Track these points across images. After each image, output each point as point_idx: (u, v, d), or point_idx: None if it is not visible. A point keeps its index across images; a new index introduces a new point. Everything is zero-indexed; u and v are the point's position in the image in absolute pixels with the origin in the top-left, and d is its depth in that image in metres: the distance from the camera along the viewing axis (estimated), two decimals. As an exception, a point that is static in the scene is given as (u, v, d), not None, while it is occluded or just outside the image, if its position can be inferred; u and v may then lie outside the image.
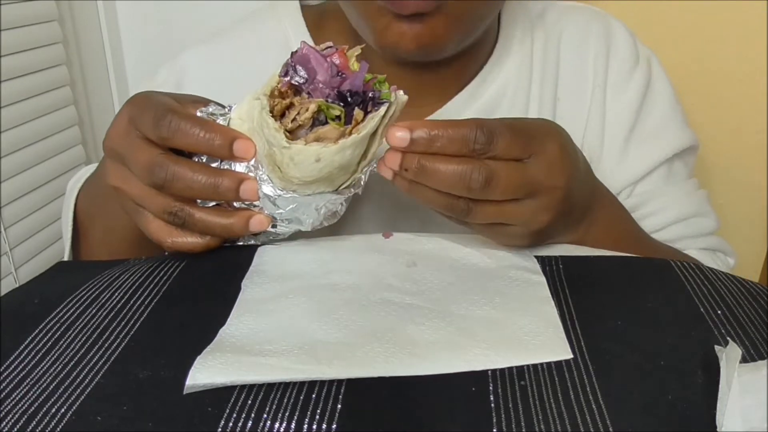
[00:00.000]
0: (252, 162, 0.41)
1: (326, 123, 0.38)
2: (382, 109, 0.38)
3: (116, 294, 0.41)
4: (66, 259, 0.56)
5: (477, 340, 0.36)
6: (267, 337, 0.36)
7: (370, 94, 0.38)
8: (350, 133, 0.37)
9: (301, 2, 0.64)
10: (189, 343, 0.35)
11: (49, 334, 0.37)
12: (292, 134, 0.38)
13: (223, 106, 0.43)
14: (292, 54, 0.39)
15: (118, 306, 0.40)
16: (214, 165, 0.42)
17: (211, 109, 0.42)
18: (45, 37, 0.93)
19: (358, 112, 0.37)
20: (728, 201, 0.99)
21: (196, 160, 0.42)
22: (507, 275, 0.43)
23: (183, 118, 0.40)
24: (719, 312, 0.39)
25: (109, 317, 0.39)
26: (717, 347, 0.34)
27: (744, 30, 0.92)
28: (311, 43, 0.60)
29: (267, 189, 0.41)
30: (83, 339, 0.37)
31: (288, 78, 0.38)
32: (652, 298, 0.40)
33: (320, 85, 0.38)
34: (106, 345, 0.36)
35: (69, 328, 0.38)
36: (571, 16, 0.63)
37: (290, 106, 0.38)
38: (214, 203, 0.43)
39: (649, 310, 0.39)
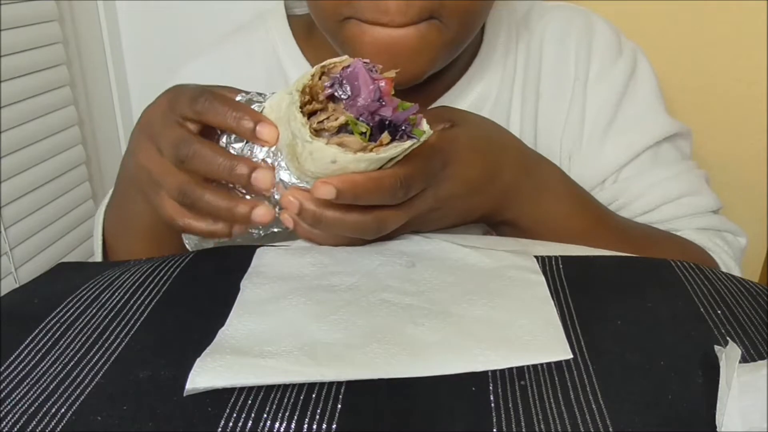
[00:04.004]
0: (272, 149, 0.43)
1: (353, 134, 0.40)
2: (407, 143, 0.40)
3: (116, 294, 0.41)
4: None
5: (477, 340, 0.36)
6: (266, 339, 0.36)
7: (403, 127, 0.40)
8: (371, 150, 0.40)
9: (289, 13, 0.65)
10: (189, 343, 0.35)
11: (49, 334, 0.37)
12: (315, 133, 0.40)
13: (262, 95, 0.45)
14: (344, 68, 0.41)
15: (118, 306, 0.40)
16: (238, 145, 0.44)
17: (249, 96, 0.45)
18: (45, 37, 0.93)
19: (385, 136, 0.40)
20: (728, 201, 0.98)
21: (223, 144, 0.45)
22: (506, 275, 0.43)
23: (217, 98, 0.43)
24: (719, 312, 0.39)
25: (109, 317, 0.39)
26: (717, 347, 0.34)
27: (744, 30, 0.92)
28: (298, 53, 0.61)
29: (284, 175, 0.43)
30: (83, 339, 0.37)
31: (332, 90, 0.40)
32: (652, 298, 0.40)
33: (359, 104, 0.40)
34: (106, 345, 0.36)
35: (69, 328, 0.38)
36: (553, 13, 0.64)
37: (322, 109, 0.41)
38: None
39: (649, 310, 0.39)
